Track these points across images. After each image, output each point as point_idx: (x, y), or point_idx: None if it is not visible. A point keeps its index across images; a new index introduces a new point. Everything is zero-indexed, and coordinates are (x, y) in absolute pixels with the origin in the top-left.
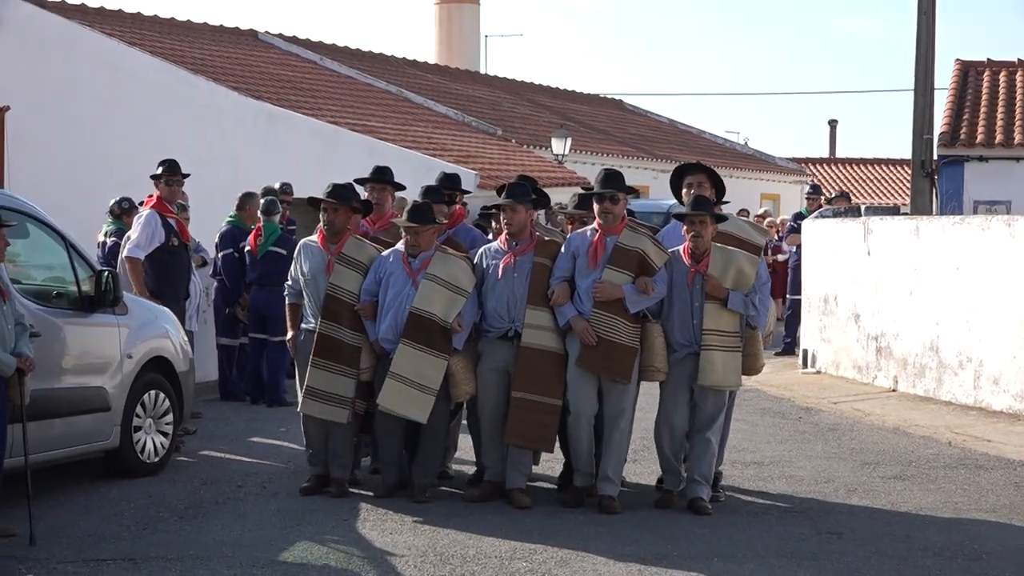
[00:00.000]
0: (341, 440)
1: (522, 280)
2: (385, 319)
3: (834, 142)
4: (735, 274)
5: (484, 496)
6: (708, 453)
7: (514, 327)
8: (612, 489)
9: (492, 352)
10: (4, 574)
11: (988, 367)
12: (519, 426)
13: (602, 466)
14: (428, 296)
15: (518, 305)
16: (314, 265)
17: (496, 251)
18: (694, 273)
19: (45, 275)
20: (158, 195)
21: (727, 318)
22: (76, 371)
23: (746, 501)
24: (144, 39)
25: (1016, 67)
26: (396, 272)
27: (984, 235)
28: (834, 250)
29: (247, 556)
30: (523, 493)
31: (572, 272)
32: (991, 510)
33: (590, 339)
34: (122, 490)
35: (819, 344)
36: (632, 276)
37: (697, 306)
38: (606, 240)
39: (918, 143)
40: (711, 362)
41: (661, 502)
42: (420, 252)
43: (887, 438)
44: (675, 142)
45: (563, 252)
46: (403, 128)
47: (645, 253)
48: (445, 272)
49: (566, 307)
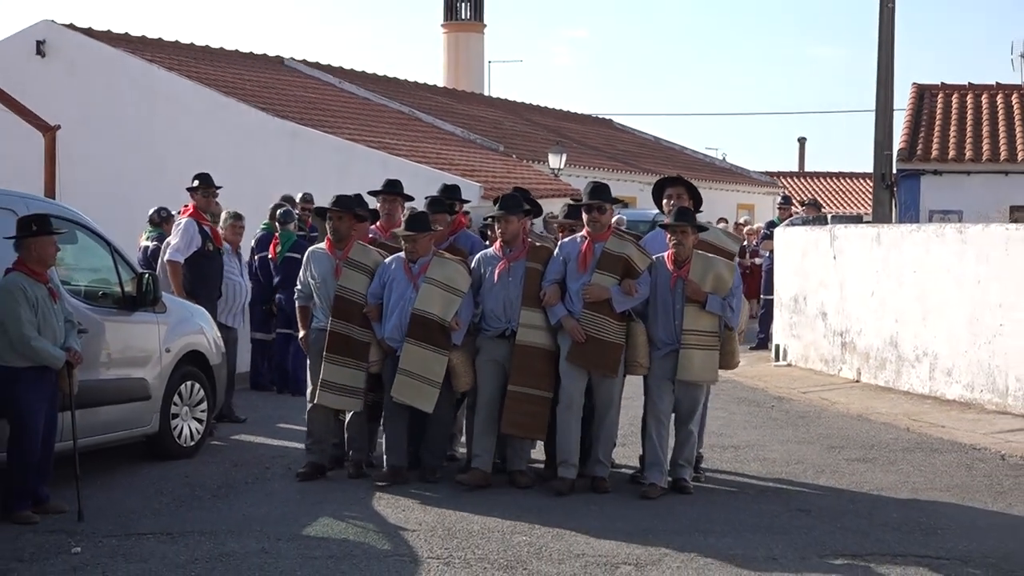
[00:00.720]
0: (356, 426)
1: (516, 283)
2: (391, 320)
3: (803, 157)
4: (714, 279)
5: (473, 481)
6: (690, 441)
7: (510, 327)
8: (603, 471)
9: (490, 347)
10: (55, 547)
11: (942, 360)
12: (514, 416)
13: (593, 451)
14: (428, 298)
15: (513, 306)
16: (323, 270)
17: (492, 257)
18: (676, 278)
19: (92, 277)
20: (194, 205)
21: (706, 319)
22: (119, 364)
23: (724, 481)
24: (181, 64)
25: (967, 90)
26: (398, 277)
27: (938, 241)
28: (803, 254)
29: (274, 531)
30: (523, 474)
31: (563, 275)
32: (945, 489)
33: (579, 336)
34: (161, 471)
35: (790, 340)
36: (618, 279)
37: (678, 308)
38: (595, 246)
39: (879, 158)
40: (689, 359)
41: (645, 494)
42: (419, 257)
43: (851, 424)
44: (659, 157)
45: (555, 257)
46: (414, 145)
47: (630, 258)
48: (442, 275)
49: (557, 307)
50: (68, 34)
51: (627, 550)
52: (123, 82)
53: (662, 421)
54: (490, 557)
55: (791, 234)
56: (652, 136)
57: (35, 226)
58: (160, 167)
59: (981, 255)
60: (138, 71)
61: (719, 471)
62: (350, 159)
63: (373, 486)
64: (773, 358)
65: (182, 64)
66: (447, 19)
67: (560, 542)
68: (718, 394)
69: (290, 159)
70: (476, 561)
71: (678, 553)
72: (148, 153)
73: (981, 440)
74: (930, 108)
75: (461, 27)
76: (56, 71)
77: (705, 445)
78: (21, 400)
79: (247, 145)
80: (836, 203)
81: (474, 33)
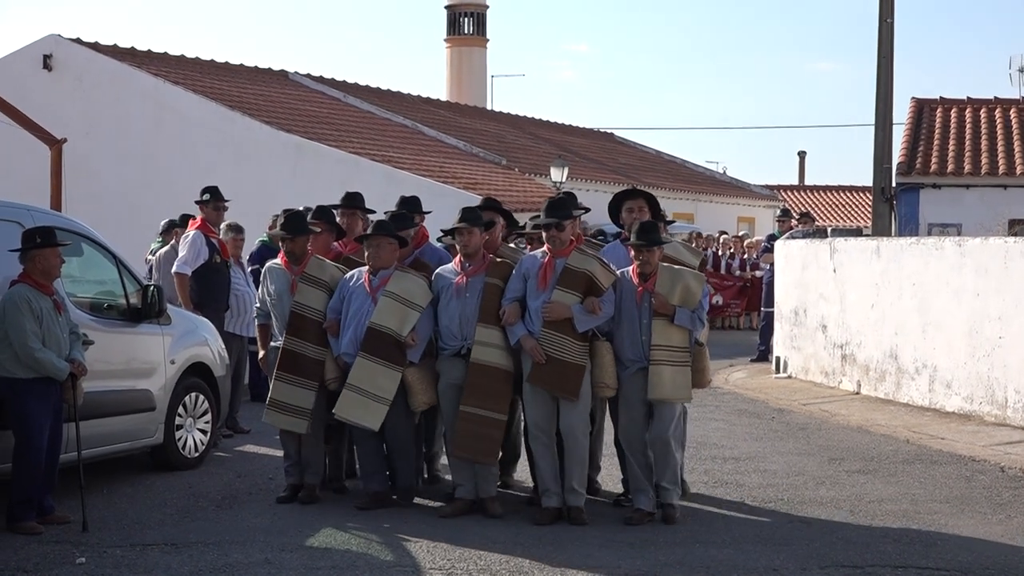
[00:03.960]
0: (310, 449)
1: (474, 300)
2: (346, 334)
3: (803, 171)
4: (682, 291)
5: (455, 513)
6: (670, 458)
7: (466, 345)
8: (578, 500)
9: (449, 369)
10: (60, 557)
11: (941, 372)
12: (464, 440)
13: (566, 479)
14: (384, 311)
15: (470, 323)
16: (279, 286)
17: (450, 272)
18: (642, 292)
19: (97, 289)
20: (202, 217)
21: (675, 334)
22: (124, 375)
23: (724, 492)
24: (187, 78)
25: (965, 104)
26: (358, 290)
27: (937, 254)
28: (803, 267)
29: (277, 541)
30: (494, 501)
31: (523, 293)
32: (945, 501)
33: (539, 357)
34: (165, 482)
35: (790, 352)
36: (580, 296)
37: (645, 323)
38: (555, 262)
39: (878, 172)
40: (659, 376)
41: (631, 519)
42: (380, 267)
43: (851, 436)
44: (660, 171)
45: (515, 274)
46: (418, 158)
47: (593, 274)
48: (400, 288)
49: (516, 326)
50: (75, 48)
51: (628, 561)
52: (129, 96)
53: (635, 447)
54: (492, 568)
55: (791, 247)
56: (653, 150)
57: (40, 238)
58: (166, 180)
59: (980, 268)
60: (144, 85)
61: (720, 481)
62: (354, 172)
63: (354, 509)
64: (774, 370)
65: (188, 78)
66: (450, 34)
67: (562, 553)
68: (718, 405)
69: (295, 172)
70: (478, 572)
71: (679, 564)
72: (154, 166)
73: (980, 452)
74: (929, 122)
75: (464, 42)
76: (63, 85)
77: (706, 457)
78: (26, 411)
79: (252, 158)
80: (836, 216)
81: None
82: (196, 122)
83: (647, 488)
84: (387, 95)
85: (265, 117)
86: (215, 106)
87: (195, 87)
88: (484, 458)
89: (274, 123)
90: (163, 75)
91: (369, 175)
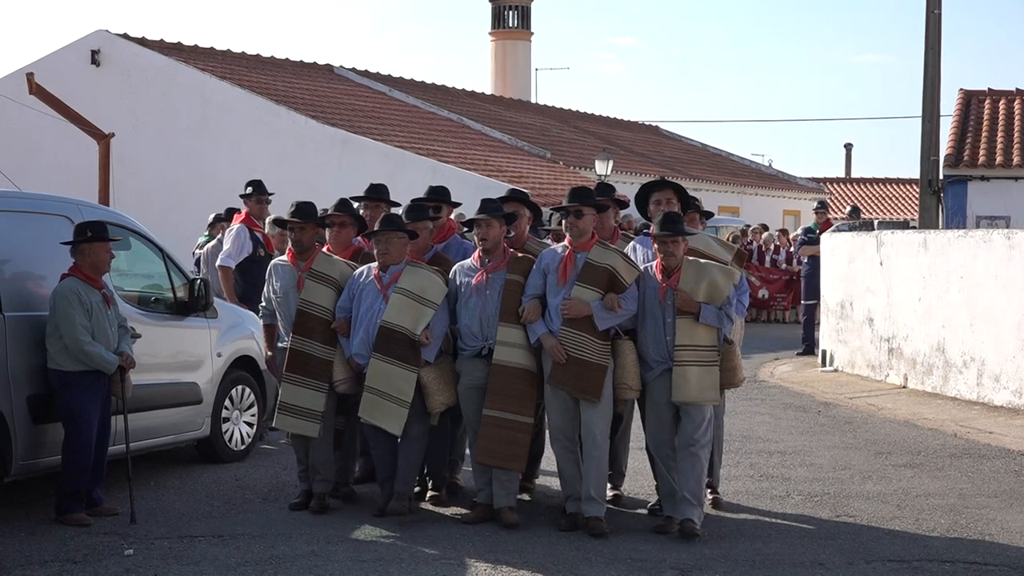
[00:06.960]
0: (320, 455)
1: (495, 298)
2: (357, 334)
3: (849, 163)
4: (708, 287)
5: (476, 519)
6: (696, 469)
7: (487, 345)
8: (597, 509)
9: (469, 370)
10: (108, 549)
11: (990, 366)
12: (489, 444)
13: (584, 487)
14: (397, 309)
15: (491, 323)
16: (285, 283)
17: (469, 268)
18: (666, 288)
19: (145, 283)
20: (247, 211)
21: (702, 332)
22: (172, 368)
23: (770, 486)
24: (233, 73)
25: (1014, 95)
26: (368, 287)
27: (986, 247)
28: (850, 261)
29: (323, 533)
30: (511, 511)
31: (544, 289)
32: (993, 495)
33: (559, 357)
34: (212, 474)
35: (836, 345)
36: (601, 293)
37: (669, 322)
38: (576, 256)
39: (926, 164)
40: (684, 378)
41: (660, 528)
42: (390, 264)
43: (898, 430)
44: (706, 164)
45: (535, 269)
46: (463, 152)
47: (615, 269)
48: (414, 284)
49: (537, 324)
50: (122, 44)
51: (673, 554)
52: (176, 90)
53: (662, 452)
54: (536, 561)
55: (837, 240)
56: (699, 142)
57: (90, 232)
58: (212, 174)
59: None
60: (191, 80)
61: (766, 475)
62: (400, 166)
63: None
64: (820, 363)
65: (234, 73)
66: (495, 27)
67: (606, 546)
68: (763, 399)
69: (340, 166)
70: (523, 564)
71: (723, 558)
72: (200, 160)
73: None
74: (977, 114)
75: (509, 35)
76: (110, 80)
77: (752, 451)
78: (75, 404)
79: (298, 153)
80: (882, 209)
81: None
82: (242, 116)
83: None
84: (432, 89)
85: (310, 111)
86: (261, 100)
87: (241, 82)
88: (510, 464)
89: (319, 117)
90: (209, 70)
91: (414, 169)
